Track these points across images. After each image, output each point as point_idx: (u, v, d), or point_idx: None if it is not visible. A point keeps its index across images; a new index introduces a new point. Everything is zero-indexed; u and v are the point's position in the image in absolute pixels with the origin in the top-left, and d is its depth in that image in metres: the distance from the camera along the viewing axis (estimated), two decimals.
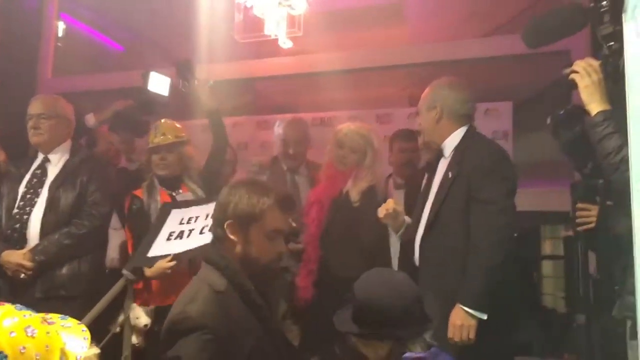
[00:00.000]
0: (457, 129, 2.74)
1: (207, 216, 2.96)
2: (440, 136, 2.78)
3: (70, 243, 3.10)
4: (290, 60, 4.69)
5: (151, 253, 2.95)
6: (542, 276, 6.37)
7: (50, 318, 1.30)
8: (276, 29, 4.10)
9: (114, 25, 5.51)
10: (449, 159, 2.72)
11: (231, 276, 1.90)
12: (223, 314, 1.83)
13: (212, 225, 2.00)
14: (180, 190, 3.27)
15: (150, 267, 2.92)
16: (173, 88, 3.63)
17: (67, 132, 3.33)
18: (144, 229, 3.10)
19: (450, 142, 2.74)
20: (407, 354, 1.87)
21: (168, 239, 2.98)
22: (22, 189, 3.20)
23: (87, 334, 1.29)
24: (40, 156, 3.28)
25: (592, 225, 2.40)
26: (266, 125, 4.86)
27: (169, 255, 2.89)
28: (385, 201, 2.81)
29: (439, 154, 2.81)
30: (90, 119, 3.73)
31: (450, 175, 2.65)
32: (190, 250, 2.87)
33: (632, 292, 1.69)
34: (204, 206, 3.06)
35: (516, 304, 2.61)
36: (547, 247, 6.63)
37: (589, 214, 2.42)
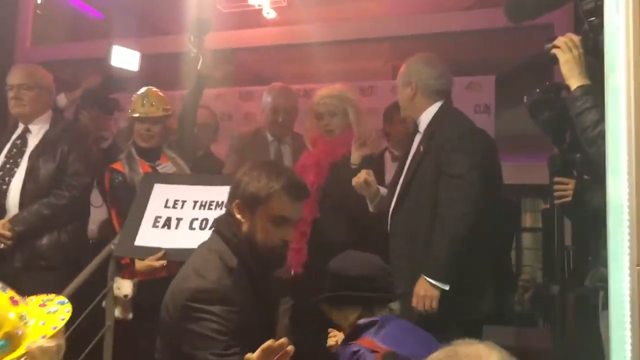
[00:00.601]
0: (431, 105, 2.78)
1: (194, 204, 2.94)
2: (416, 111, 2.83)
3: (50, 213, 3.09)
4: (273, 31, 4.63)
5: (138, 241, 2.90)
6: (522, 248, 6.49)
7: (46, 299, 1.29)
8: None
9: None
10: (422, 134, 2.76)
11: (241, 256, 1.93)
12: (235, 288, 1.87)
13: (226, 200, 2.03)
14: (160, 161, 3.23)
15: (140, 259, 2.89)
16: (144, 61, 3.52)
17: (48, 103, 3.29)
18: (129, 203, 3.04)
19: (425, 118, 2.78)
20: (362, 320, 1.96)
21: (154, 225, 2.93)
22: (1, 158, 3.17)
23: (59, 324, 1.25)
24: (21, 126, 3.24)
25: (569, 198, 2.44)
26: (249, 97, 4.80)
27: (158, 249, 2.84)
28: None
29: (416, 129, 2.84)
30: (62, 100, 3.63)
31: (421, 150, 2.71)
32: (180, 250, 2.78)
33: (605, 264, 1.73)
34: (187, 187, 3.02)
35: (484, 275, 2.65)
36: (527, 220, 6.74)
37: (566, 188, 2.45)
